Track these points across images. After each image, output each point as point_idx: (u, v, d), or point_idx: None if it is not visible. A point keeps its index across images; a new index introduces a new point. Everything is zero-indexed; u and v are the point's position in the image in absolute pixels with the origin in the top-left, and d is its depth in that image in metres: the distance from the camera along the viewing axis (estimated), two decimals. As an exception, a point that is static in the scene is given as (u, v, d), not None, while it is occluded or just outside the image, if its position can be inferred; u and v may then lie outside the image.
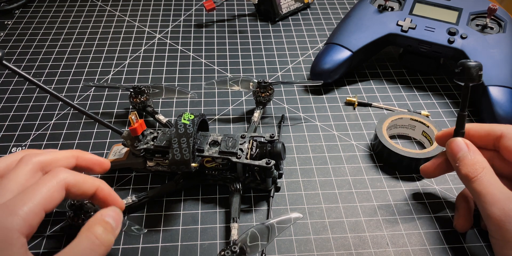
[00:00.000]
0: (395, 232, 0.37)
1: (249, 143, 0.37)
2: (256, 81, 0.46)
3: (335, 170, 0.42)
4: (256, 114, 0.45)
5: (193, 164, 0.34)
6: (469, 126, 0.36)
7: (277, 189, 0.40)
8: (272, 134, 0.37)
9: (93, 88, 0.52)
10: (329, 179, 0.41)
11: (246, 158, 0.36)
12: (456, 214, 0.37)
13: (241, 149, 0.36)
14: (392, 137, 0.46)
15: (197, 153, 0.36)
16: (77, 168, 0.31)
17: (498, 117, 0.44)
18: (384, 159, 0.43)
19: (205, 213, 0.38)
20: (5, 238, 0.24)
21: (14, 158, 0.29)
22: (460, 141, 0.34)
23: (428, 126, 0.43)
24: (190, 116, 0.36)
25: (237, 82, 0.47)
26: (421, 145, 0.45)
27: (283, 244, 0.36)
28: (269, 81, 0.46)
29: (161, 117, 0.45)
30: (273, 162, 0.35)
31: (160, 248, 0.35)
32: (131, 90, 0.45)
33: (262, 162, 0.35)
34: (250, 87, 0.47)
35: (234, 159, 0.36)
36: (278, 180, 0.40)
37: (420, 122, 0.44)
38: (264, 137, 0.37)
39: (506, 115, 0.44)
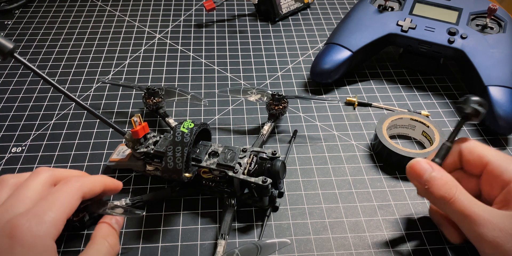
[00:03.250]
0: (395, 232, 0.37)
1: (249, 157, 0.35)
2: (271, 93, 0.44)
3: (335, 170, 0.42)
4: (266, 127, 0.43)
5: (186, 174, 0.33)
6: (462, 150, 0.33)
7: (275, 209, 0.38)
8: (274, 151, 0.35)
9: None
10: (329, 179, 0.41)
11: (243, 174, 0.34)
12: (445, 229, 0.35)
13: (239, 163, 0.35)
14: (392, 137, 0.46)
15: (194, 163, 0.35)
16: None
17: (498, 117, 0.44)
18: (384, 159, 0.43)
19: (205, 213, 0.38)
20: (42, 246, 0.26)
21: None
22: (422, 161, 0.31)
23: (428, 126, 0.43)
24: (190, 125, 0.35)
25: (251, 92, 0.46)
26: (421, 145, 0.45)
27: (283, 244, 0.36)
28: (284, 94, 0.44)
29: (171, 120, 0.45)
30: (269, 180, 0.33)
31: (160, 248, 0.35)
32: (145, 90, 0.45)
33: (259, 180, 0.33)
34: (264, 99, 0.46)
35: (230, 173, 0.34)
36: (278, 199, 0.38)
37: (420, 122, 0.44)
38: (266, 153, 0.36)
39: (506, 115, 0.44)
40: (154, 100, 0.45)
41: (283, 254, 0.35)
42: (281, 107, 0.44)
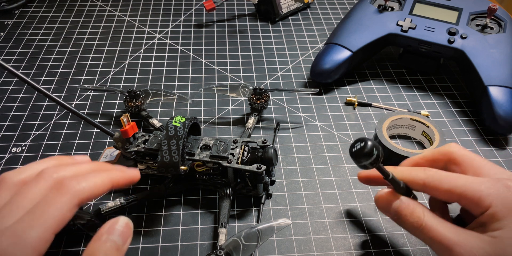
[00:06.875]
0: (395, 232, 0.37)
1: (241, 148, 0.36)
2: (252, 87, 0.46)
3: (335, 170, 0.42)
4: (251, 121, 0.45)
5: (182, 167, 0.34)
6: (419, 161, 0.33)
7: (269, 195, 0.39)
8: (265, 140, 0.37)
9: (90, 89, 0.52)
10: (329, 179, 0.41)
11: (237, 163, 0.35)
12: None
13: (232, 154, 0.36)
14: (392, 137, 0.46)
15: (187, 157, 0.36)
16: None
17: (498, 117, 0.44)
18: (384, 159, 0.43)
19: (205, 213, 0.38)
20: None
21: (37, 168, 0.27)
22: (387, 193, 0.31)
23: (428, 126, 0.43)
24: (182, 119, 0.36)
25: (234, 88, 0.47)
26: (421, 145, 0.45)
27: (283, 244, 0.36)
28: (265, 88, 0.46)
29: (155, 121, 0.45)
30: (264, 167, 0.35)
31: (160, 248, 0.35)
32: (126, 94, 0.45)
33: (253, 167, 0.35)
34: (246, 93, 0.47)
35: (224, 163, 0.35)
36: (270, 186, 0.39)
37: (420, 122, 0.44)
38: (256, 143, 0.37)
39: (506, 115, 0.44)
40: (135, 103, 0.45)
41: (283, 254, 0.35)
42: (263, 101, 0.45)
